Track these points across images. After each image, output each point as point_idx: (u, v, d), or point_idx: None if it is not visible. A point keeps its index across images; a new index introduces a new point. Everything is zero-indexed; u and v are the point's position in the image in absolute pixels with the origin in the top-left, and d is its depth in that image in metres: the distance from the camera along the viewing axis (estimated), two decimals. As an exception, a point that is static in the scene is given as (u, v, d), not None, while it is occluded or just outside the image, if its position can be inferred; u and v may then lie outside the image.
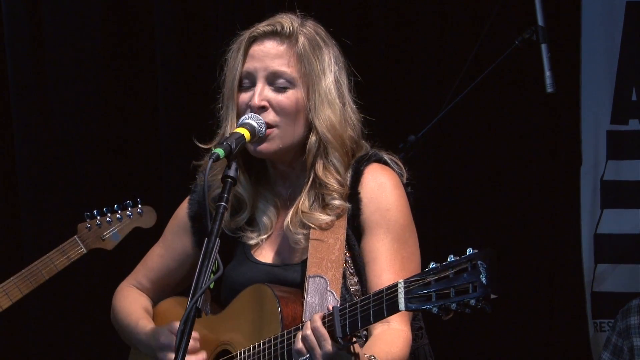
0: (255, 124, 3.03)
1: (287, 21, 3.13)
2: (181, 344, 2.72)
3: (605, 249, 5.14)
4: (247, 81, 3.12)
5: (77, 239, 4.47)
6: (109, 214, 4.46)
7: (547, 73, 4.53)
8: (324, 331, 2.82)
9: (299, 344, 2.87)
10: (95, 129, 5.24)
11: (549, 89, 4.55)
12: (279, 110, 3.08)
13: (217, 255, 2.80)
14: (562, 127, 5.13)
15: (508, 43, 4.54)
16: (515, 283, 4.95)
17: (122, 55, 5.26)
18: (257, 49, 3.12)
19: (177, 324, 2.98)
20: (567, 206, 5.13)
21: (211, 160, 2.89)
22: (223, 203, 2.86)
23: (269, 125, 3.08)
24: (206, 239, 2.81)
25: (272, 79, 3.10)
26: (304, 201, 3.11)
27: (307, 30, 3.14)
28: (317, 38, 3.14)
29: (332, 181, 3.09)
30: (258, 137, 3.05)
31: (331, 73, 3.12)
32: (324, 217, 3.08)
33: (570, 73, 5.06)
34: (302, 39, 3.11)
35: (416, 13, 5.10)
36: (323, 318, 2.84)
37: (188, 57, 5.20)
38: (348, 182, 3.11)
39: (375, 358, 2.88)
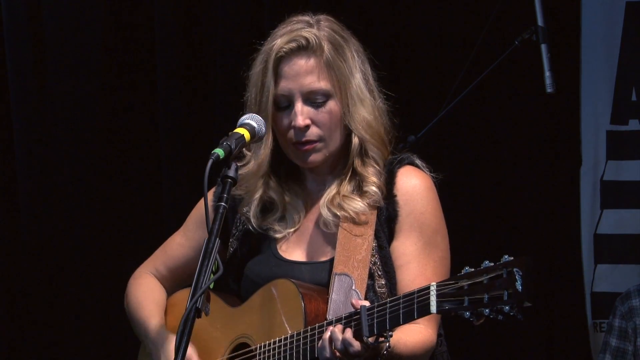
0: (255, 124, 3.03)
1: (308, 33, 3.13)
2: (181, 344, 2.72)
3: (605, 249, 5.13)
4: (284, 101, 3.15)
5: None
6: None
7: (547, 73, 4.53)
8: (349, 336, 2.84)
9: (325, 344, 2.87)
10: (94, 130, 5.24)
11: (549, 89, 4.54)
12: (321, 125, 3.13)
13: (217, 255, 2.80)
14: (562, 127, 5.13)
15: (508, 43, 4.54)
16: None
17: (122, 55, 5.25)
18: (288, 69, 3.13)
19: None
20: (567, 206, 5.12)
21: (211, 160, 2.89)
22: (223, 203, 2.86)
23: (314, 140, 3.12)
24: (206, 239, 2.81)
25: (309, 96, 3.13)
26: (344, 186, 3.14)
27: (326, 31, 3.15)
28: (337, 37, 3.16)
29: (370, 170, 3.13)
30: (258, 137, 3.05)
31: (357, 69, 3.16)
32: (360, 205, 3.10)
33: (570, 73, 5.06)
34: (326, 47, 3.13)
35: (416, 13, 5.09)
36: (349, 318, 2.85)
37: (189, 58, 5.19)
38: (382, 181, 3.13)
39: (391, 347, 2.87)
